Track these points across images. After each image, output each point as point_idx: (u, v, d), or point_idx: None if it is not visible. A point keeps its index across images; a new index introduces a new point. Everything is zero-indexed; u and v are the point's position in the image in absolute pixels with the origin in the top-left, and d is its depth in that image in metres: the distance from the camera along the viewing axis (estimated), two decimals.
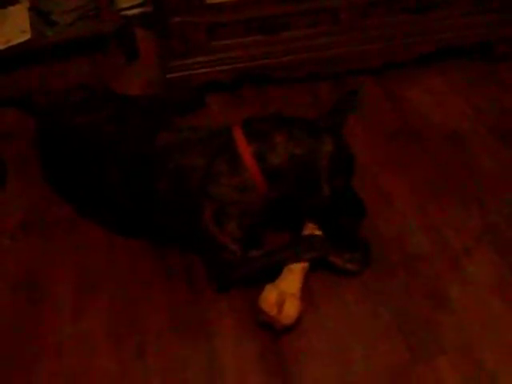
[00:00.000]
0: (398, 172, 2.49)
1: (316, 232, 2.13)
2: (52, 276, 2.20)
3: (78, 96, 2.47)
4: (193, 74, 2.82)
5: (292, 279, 2.02)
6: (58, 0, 3.08)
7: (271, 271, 2.05)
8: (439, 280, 2.11)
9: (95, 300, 2.12)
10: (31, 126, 2.66)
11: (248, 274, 2.10)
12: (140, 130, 2.27)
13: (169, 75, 2.82)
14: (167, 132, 2.19)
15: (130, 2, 3.36)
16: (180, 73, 2.81)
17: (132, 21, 3.26)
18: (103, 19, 3.11)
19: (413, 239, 2.24)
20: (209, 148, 2.09)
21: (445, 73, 2.97)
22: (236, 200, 2.05)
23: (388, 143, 2.63)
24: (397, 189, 2.42)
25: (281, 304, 1.93)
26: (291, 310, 1.94)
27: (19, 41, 3.03)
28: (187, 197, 2.09)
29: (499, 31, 2.92)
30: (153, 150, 2.14)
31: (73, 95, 2.49)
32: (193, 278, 2.17)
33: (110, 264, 2.23)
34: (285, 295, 1.95)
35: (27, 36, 3.05)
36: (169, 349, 1.98)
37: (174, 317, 2.06)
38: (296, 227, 2.20)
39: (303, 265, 2.06)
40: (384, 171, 2.49)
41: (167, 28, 2.70)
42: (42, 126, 2.50)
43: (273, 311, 1.93)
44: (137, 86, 3.02)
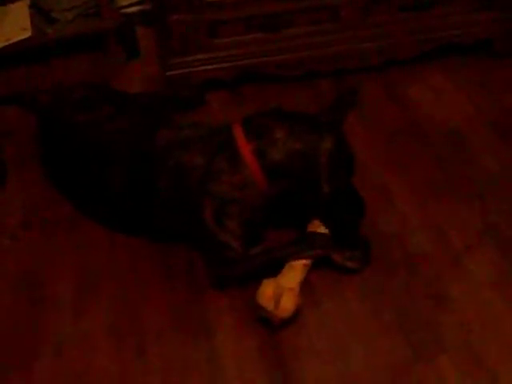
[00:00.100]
0: (399, 170, 2.49)
1: (321, 229, 2.13)
2: (52, 275, 2.20)
3: (79, 94, 2.47)
4: (193, 72, 2.82)
5: (292, 275, 2.02)
6: None
7: (272, 268, 2.05)
8: (440, 278, 2.11)
9: (95, 299, 2.12)
10: (32, 124, 2.66)
11: (249, 271, 2.09)
12: (140, 128, 2.27)
13: (169, 73, 2.81)
14: (167, 130, 2.20)
15: (130, 0, 3.35)
16: (180, 70, 2.81)
17: (132, 18, 3.25)
18: (103, 17, 3.10)
19: (413, 238, 2.24)
20: (209, 146, 2.09)
21: (446, 70, 2.96)
22: (236, 197, 2.05)
23: (389, 141, 2.62)
24: (397, 187, 2.41)
25: (278, 298, 1.93)
26: (288, 304, 1.94)
27: (19, 38, 3.02)
28: (187, 194, 2.09)
29: (501, 28, 2.91)
30: (153, 148, 2.14)
31: (73, 93, 2.48)
32: (193, 277, 2.17)
33: (111, 263, 2.23)
34: (282, 289, 1.95)
35: (28, 33, 3.04)
36: (169, 348, 1.98)
37: (175, 316, 2.06)
38: (297, 224, 2.20)
39: (305, 262, 2.06)
40: (385, 169, 2.49)
41: (167, 26, 2.70)
42: (44, 124, 2.50)
43: (270, 305, 1.93)
44: (137, 84, 3.02)
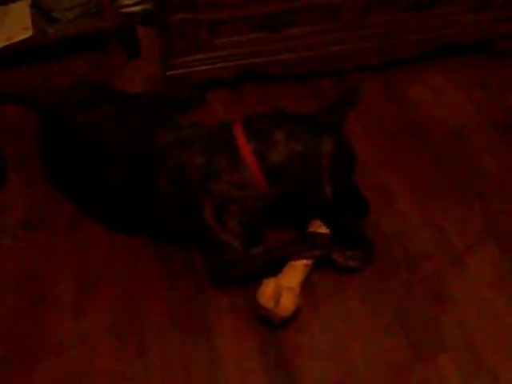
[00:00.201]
0: (399, 170, 2.48)
1: (321, 229, 2.13)
2: (53, 275, 2.21)
3: (79, 93, 2.47)
4: (194, 72, 2.82)
5: (293, 275, 2.02)
6: None
7: (273, 268, 2.05)
8: (441, 278, 2.11)
9: (96, 299, 2.12)
10: (32, 124, 2.66)
11: (249, 271, 2.09)
12: (140, 127, 2.27)
13: (170, 72, 2.82)
14: (168, 129, 2.19)
15: (132, 0, 3.36)
16: (181, 70, 2.81)
17: (133, 18, 3.26)
18: (104, 17, 3.11)
19: (414, 237, 2.24)
20: (209, 145, 2.09)
21: (446, 70, 2.96)
22: (236, 197, 2.05)
23: (389, 140, 2.62)
24: (398, 186, 2.41)
25: (277, 297, 1.93)
26: (287, 303, 1.94)
27: (21, 38, 3.03)
28: (188, 194, 2.09)
29: (501, 28, 2.91)
30: (153, 148, 2.14)
31: (74, 92, 2.49)
32: (193, 277, 2.17)
33: (111, 263, 2.23)
34: (281, 288, 1.95)
35: (29, 33, 3.05)
36: (169, 347, 1.98)
37: (175, 315, 2.06)
38: (298, 224, 2.20)
39: (305, 262, 2.06)
40: (385, 169, 2.49)
41: (168, 25, 2.70)
42: (44, 123, 2.50)
43: (269, 304, 1.93)
44: (138, 83, 3.02)
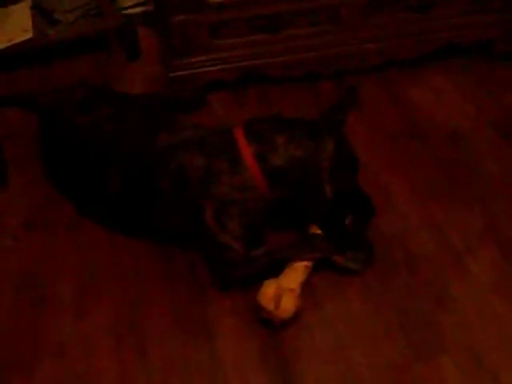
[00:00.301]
0: (400, 170, 2.49)
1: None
2: (54, 276, 2.20)
3: (79, 95, 2.47)
4: (195, 73, 2.82)
5: (294, 277, 2.02)
6: None
7: (273, 270, 2.05)
8: (441, 279, 2.11)
9: (96, 300, 2.12)
10: (33, 125, 2.66)
11: (250, 273, 2.09)
12: (140, 129, 2.27)
13: (171, 74, 2.82)
14: (169, 131, 2.19)
15: (132, 1, 3.36)
16: (182, 71, 2.81)
17: (134, 19, 3.26)
18: (105, 18, 3.11)
19: (415, 238, 2.24)
20: (210, 148, 2.09)
21: (446, 71, 2.96)
22: (237, 199, 2.05)
23: (390, 142, 2.62)
24: (399, 188, 2.42)
25: (278, 299, 1.93)
26: (288, 304, 1.94)
27: (21, 39, 3.03)
28: (189, 196, 2.09)
29: (499, 30, 2.91)
30: (154, 149, 2.14)
31: (74, 94, 2.48)
32: (194, 278, 2.17)
33: (112, 263, 2.23)
34: (282, 290, 1.95)
35: (29, 35, 3.05)
36: (170, 349, 1.98)
37: (175, 316, 2.06)
38: (298, 226, 2.21)
39: (306, 263, 2.06)
40: (385, 170, 2.49)
41: (169, 27, 2.70)
42: (44, 124, 2.50)
43: (270, 306, 1.93)
44: (138, 85, 3.02)
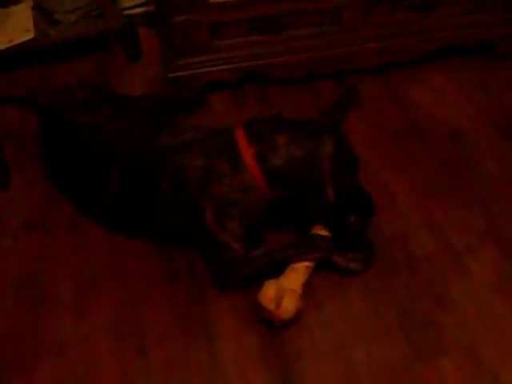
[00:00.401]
0: (400, 171, 2.49)
1: (322, 232, 2.13)
2: (54, 276, 2.21)
3: (79, 95, 2.47)
4: (196, 73, 2.82)
5: (295, 277, 2.02)
6: None
7: (274, 270, 2.05)
8: (441, 279, 2.11)
9: (96, 299, 2.12)
10: (33, 125, 2.66)
11: (250, 273, 2.09)
12: (141, 129, 2.27)
13: (171, 74, 2.82)
14: (169, 132, 2.19)
15: (133, 1, 3.36)
16: (183, 72, 2.81)
17: (135, 20, 3.26)
18: (106, 19, 3.11)
19: (415, 238, 2.24)
20: (210, 148, 2.09)
21: (447, 71, 2.96)
22: (237, 200, 2.05)
23: (390, 142, 2.62)
24: (399, 188, 2.42)
25: (279, 299, 1.93)
26: (289, 305, 1.94)
27: (22, 40, 3.03)
28: (189, 196, 2.09)
29: (501, 30, 2.91)
30: (154, 150, 2.14)
31: (74, 94, 2.49)
32: (194, 278, 2.17)
33: (112, 263, 2.23)
34: (283, 291, 1.95)
35: (30, 35, 3.05)
36: (170, 349, 1.98)
37: (176, 317, 2.06)
38: (299, 227, 2.21)
39: (307, 264, 2.06)
40: (386, 170, 2.49)
41: (170, 27, 2.70)
42: (45, 124, 2.50)
43: (271, 306, 1.93)
44: (139, 85, 3.02)
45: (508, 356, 1.89)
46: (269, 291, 1.95)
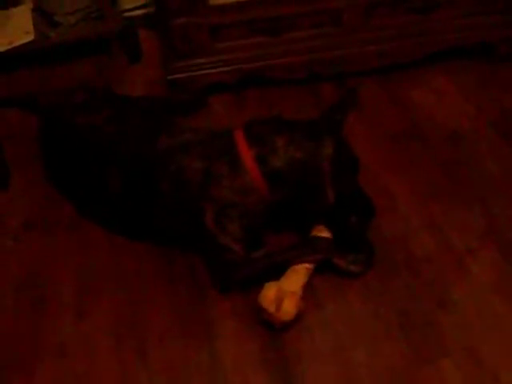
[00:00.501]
0: (400, 172, 2.49)
1: (323, 233, 2.13)
2: (54, 277, 2.21)
3: (79, 97, 2.47)
4: (195, 75, 2.82)
5: (295, 279, 2.02)
6: (62, 1, 3.07)
7: (274, 272, 2.05)
8: (442, 280, 2.11)
9: (97, 301, 2.12)
10: (34, 126, 2.66)
11: (250, 275, 2.09)
12: (141, 131, 2.27)
13: (171, 76, 2.82)
14: (169, 134, 2.19)
15: (133, 3, 3.36)
16: (183, 74, 2.81)
17: (135, 22, 3.26)
18: (106, 21, 3.11)
19: (416, 240, 2.24)
20: (210, 150, 2.09)
21: (448, 73, 2.97)
22: (237, 202, 2.05)
23: (391, 143, 2.62)
24: (399, 189, 2.42)
25: (279, 301, 1.93)
26: (289, 307, 1.94)
27: (22, 42, 3.03)
28: (189, 198, 2.09)
29: (501, 32, 2.92)
30: (154, 152, 2.14)
31: (74, 96, 2.49)
32: (195, 280, 2.17)
33: (113, 264, 2.23)
34: (284, 292, 1.95)
35: (30, 37, 3.05)
36: (171, 350, 1.97)
37: (176, 318, 2.06)
38: (299, 228, 2.21)
39: (307, 265, 2.06)
40: (386, 171, 2.49)
41: (170, 29, 2.71)
42: (45, 126, 2.50)
43: (271, 308, 1.93)
44: (139, 87, 3.02)
45: (508, 356, 1.89)
46: (269, 293, 1.95)
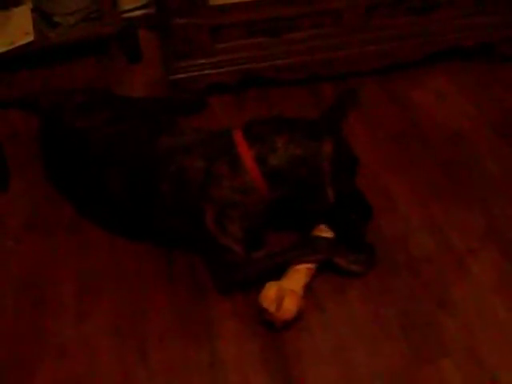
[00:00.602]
0: (401, 172, 2.49)
1: (323, 233, 2.13)
2: (55, 278, 2.20)
3: (79, 98, 2.48)
4: (196, 76, 2.82)
5: (296, 279, 2.02)
6: (61, 2, 3.07)
7: (275, 272, 2.05)
8: (442, 281, 2.10)
9: (98, 301, 2.12)
10: (34, 127, 2.66)
11: (251, 275, 2.09)
12: (141, 132, 2.27)
13: (171, 77, 2.82)
14: (169, 134, 2.19)
15: (134, 4, 3.36)
16: (183, 74, 2.81)
17: (135, 22, 3.25)
18: (106, 21, 3.11)
19: (416, 240, 2.24)
20: (210, 151, 2.09)
21: (448, 73, 2.97)
22: (237, 202, 2.05)
23: (391, 143, 2.62)
24: (399, 188, 2.41)
25: (280, 300, 1.93)
26: (290, 306, 1.94)
27: (22, 42, 3.03)
28: (189, 198, 2.09)
29: (502, 32, 2.91)
30: (154, 152, 2.14)
31: (74, 97, 2.49)
32: (195, 280, 2.17)
33: (113, 265, 2.23)
34: (284, 291, 1.95)
35: (30, 38, 3.05)
36: (171, 351, 1.97)
37: (177, 319, 2.06)
38: (300, 228, 2.21)
39: (309, 265, 2.06)
40: (386, 171, 2.49)
41: (170, 29, 2.71)
42: (45, 127, 2.51)
43: (272, 308, 1.93)
44: (139, 88, 3.02)
45: (508, 356, 1.89)
46: (270, 293, 1.95)
